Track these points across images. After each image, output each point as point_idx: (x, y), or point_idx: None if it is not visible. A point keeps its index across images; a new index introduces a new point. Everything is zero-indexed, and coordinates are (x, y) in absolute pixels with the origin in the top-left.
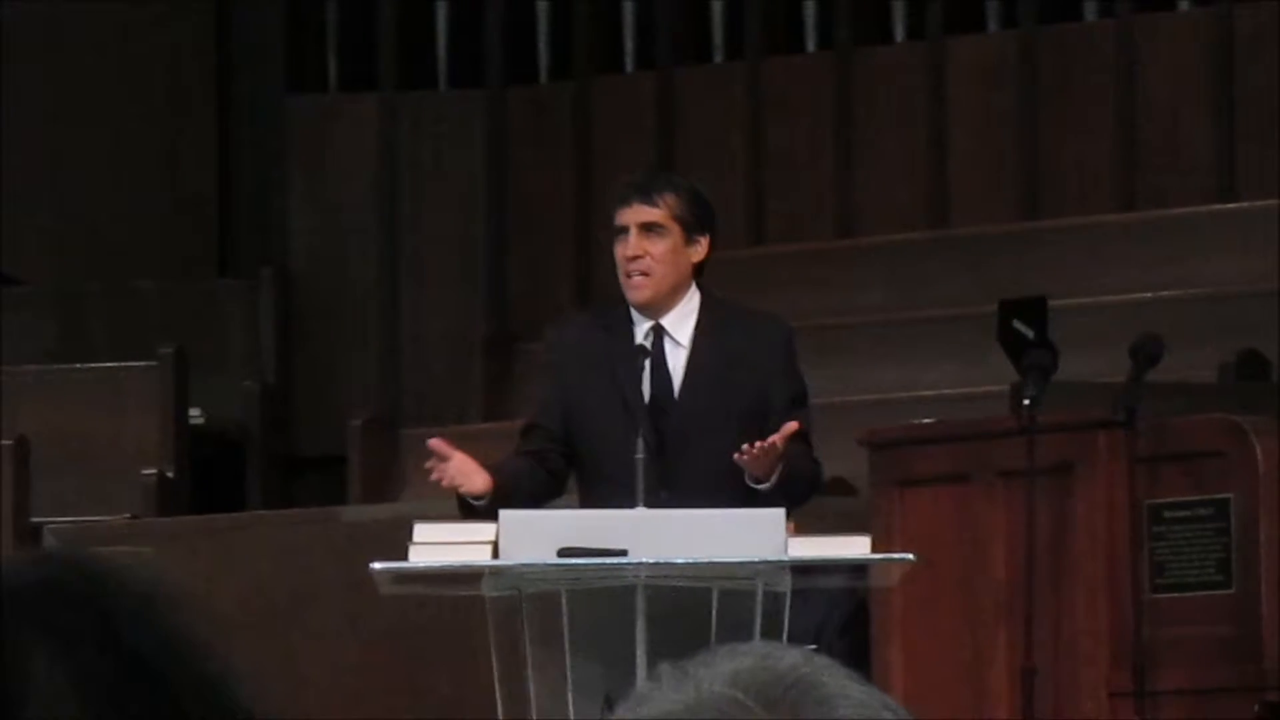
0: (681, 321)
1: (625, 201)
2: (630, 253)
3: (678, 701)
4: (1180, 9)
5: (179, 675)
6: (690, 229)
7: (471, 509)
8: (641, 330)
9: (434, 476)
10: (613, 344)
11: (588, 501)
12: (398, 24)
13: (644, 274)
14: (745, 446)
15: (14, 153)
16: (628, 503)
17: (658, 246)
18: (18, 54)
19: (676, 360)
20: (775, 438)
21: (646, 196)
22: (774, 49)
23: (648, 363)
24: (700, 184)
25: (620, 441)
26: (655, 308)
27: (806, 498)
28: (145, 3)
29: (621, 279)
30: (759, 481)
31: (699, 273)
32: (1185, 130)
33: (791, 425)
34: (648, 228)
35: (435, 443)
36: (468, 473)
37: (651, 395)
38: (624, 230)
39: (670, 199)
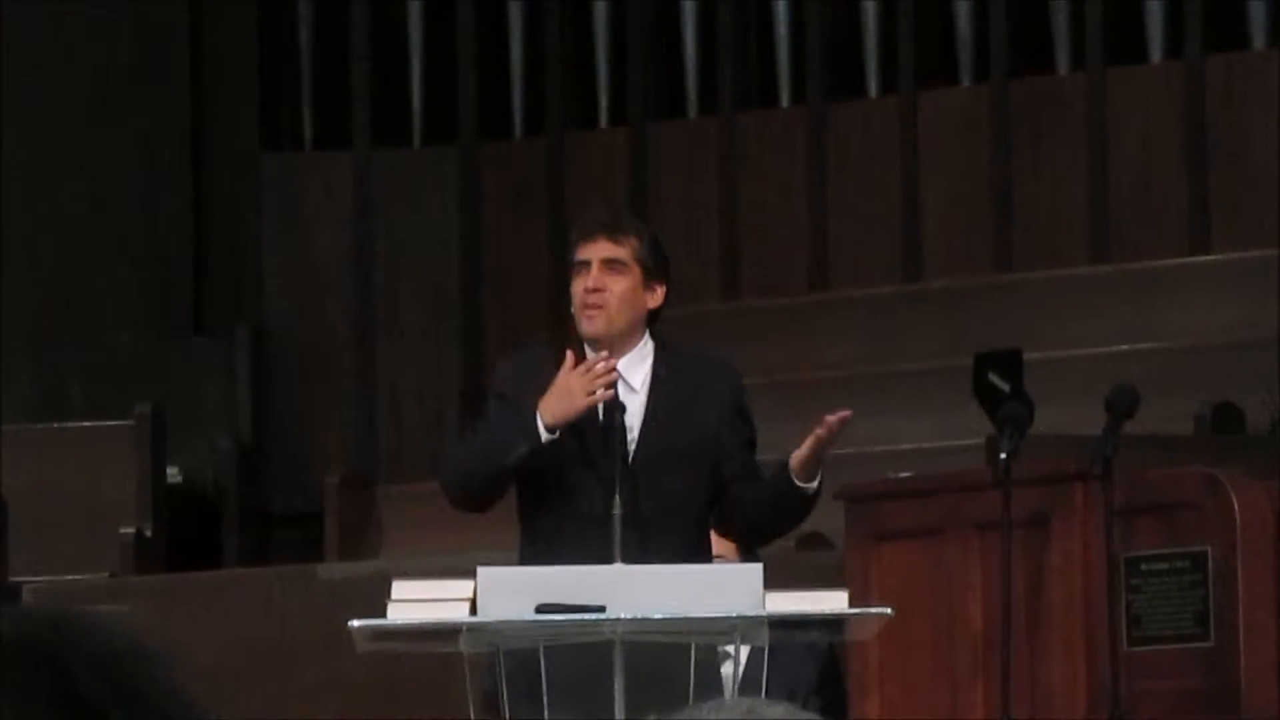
0: (635, 366)
1: (589, 236)
2: (590, 285)
3: None
4: (1152, 61)
5: None
6: (650, 274)
7: (537, 447)
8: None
9: (599, 384)
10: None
11: (539, 536)
12: (372, 82)
13: (599, 306)
14: (827, 418)
15: None
16: (588, 542)
17: (618, 284)
18: None
19: (632, 404)
20: (834, 418)
21: (612, 233)
22: (747, 103)
23: (604, 404)
24: (660, 232)
25: (574, 477)
26: (608, 346)
27: (798, 525)
28: (120, 59)
29: (577, 311)
30: (806, 481)
31: (653, 321)
32: (1158, 182)
33: (846, 413)
34: (610, 264)
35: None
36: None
37: (604, 424)
38: (585, 264)
39: (634, 241)
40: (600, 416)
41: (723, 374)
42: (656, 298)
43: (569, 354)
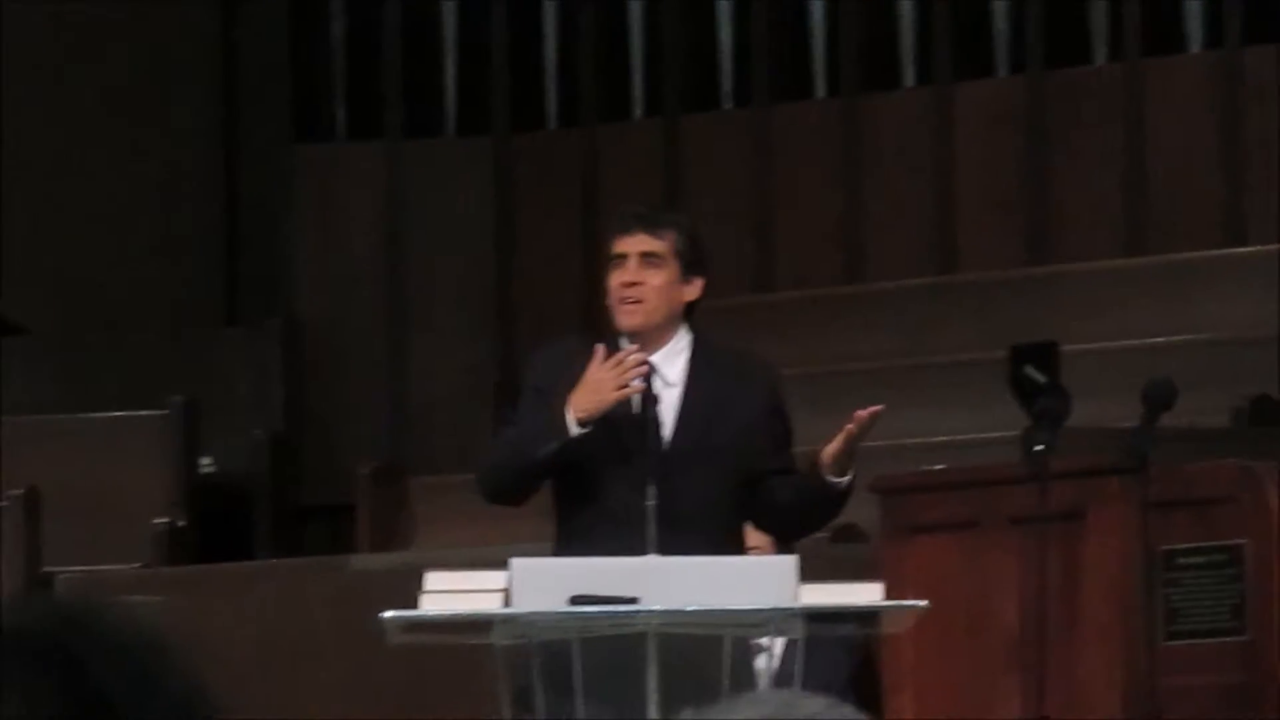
0: (672, 360)
1: (627, 230)
2: (628, 279)
3: None
4: (1190, 52)
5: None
6: (688, 267)
7: (567, 441)
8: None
9: (627, 378)
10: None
11: (573, 531)
12: (405, 72)
13: (638, 300)
14: (857, 413)
15: (20, 202)
16: (623, 536)
17: (655, 278)
18: (23, 102)
19: (667, 398)
20: (866, 413)
21: (650, 227)
22: (782, 95)
23: (638, 397)
24: (697, 226)
25: (609, 471)
26: (644, 340)
27: (830, 520)
28: (152, 52)
29: (614, 305)
30: (837, 476)
31: (689, 314)
32: (1195, 173)
33: (877, 407)
34: (647, 257)
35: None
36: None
37: (640, 432)
38: (622, 257)
39: (673, 234)
40: (634, 410)
41: (760, 370)
42: (694, 290)
43: (598, 348)
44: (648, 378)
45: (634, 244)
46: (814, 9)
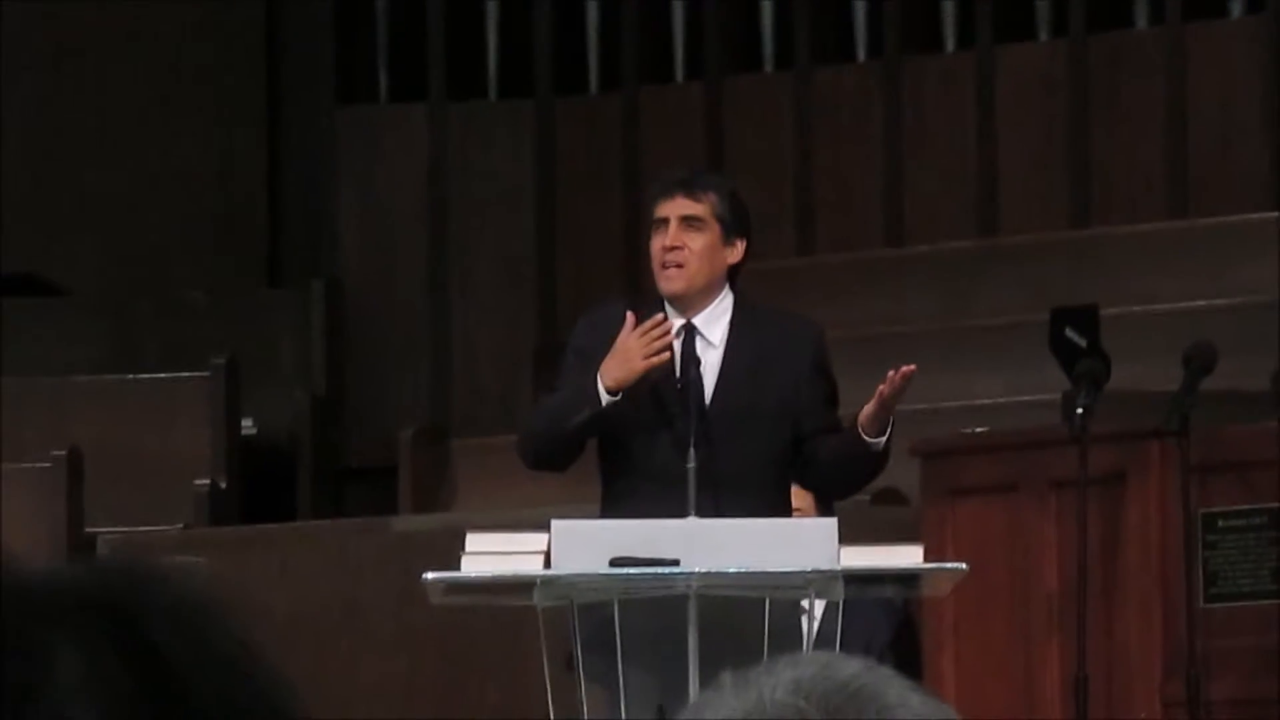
0: (714, 321)
1: (668, 194)
2: (669, 243)
3: (740, 708)
4: (1231, 16)
5: (209, 685)
6: (729, 230)
7: (598, 410)
8: (674, 327)
9: (655, 346)
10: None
11: (618, 495)
12: (447, 35)
13: (679, 265)
14: (890, 374)
15: (64, 165)
16: (666, 499)
17: (696, 241)
18: (68, 68)
19: (709, 359)
20: (898, 374)
21: (690, 190)
22: (824, 58)
23: (678, 359)
24: (739, 188)
25: (651, 434)
26: (687, 303)
27: (871, 480)
28: (195, 16)
29: (655, 270)
30: (874, 437)
31: (733, 277)
32: (1237, 137)
33: (910, 368)
34: (688, 221)
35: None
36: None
37: (682, 380)
38: (663, 222)
39: (714, 197)
40: (676, 374)
41: (804, 331)
42: (736, 253)
43: (629, 315)
44: (690, 340)
45: (674, 208)
46: None
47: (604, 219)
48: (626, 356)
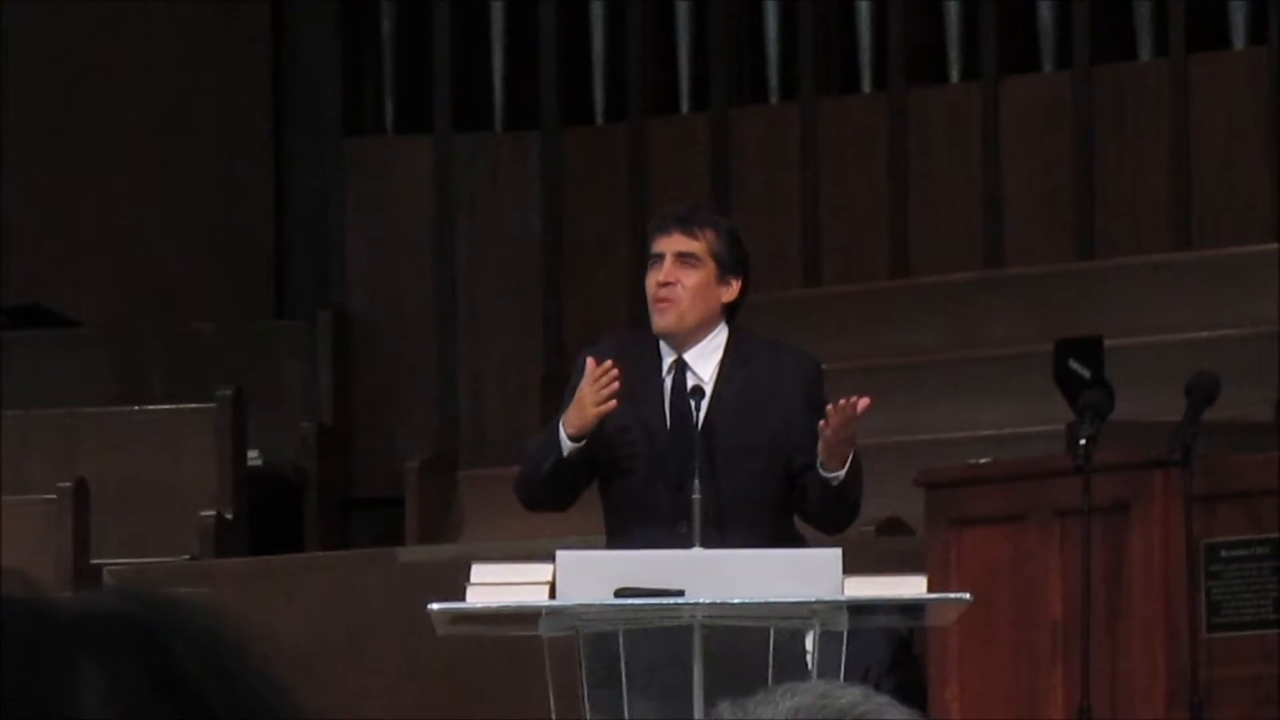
0: (705, 358)
1: (664, 230)
2: (663, 279)
3: None
4: (1234, 47)
5: (230, 709)
6: (725, 268)
7: (561, 457)
8: (666, 363)
9: (603, 395)
10: (638, 373)
11: (617, 529)
12: (453, 66)
13: (670, 301)
14: (831, 408)
15: (71, 196)
16: (660, 536)
17: (690, 278)
18: (75, 97)
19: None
20: (849, 403)
21: (687, 227)
22: (829, 90)
23: (668, 395)
24: (739, 227)
25: (643, 471)
26: (679, 340)
27: (850, 518)
28: (202, 45)
29: (650, 305)
30: (832, 470)
31: (730, 314)
32: (1240, 168)
33: (865, 401)
34: (683, 257)
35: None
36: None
37: (671, 419)
38: (659, 257)
39: (710, 234)
40: (665, 411)
41: (796, 365)
42: (731, 292)
43: (589, 361)
44: (680, 376)
45: (670, 244)
46: (861, 4)
47: (610, 250)
48: (581, 405)
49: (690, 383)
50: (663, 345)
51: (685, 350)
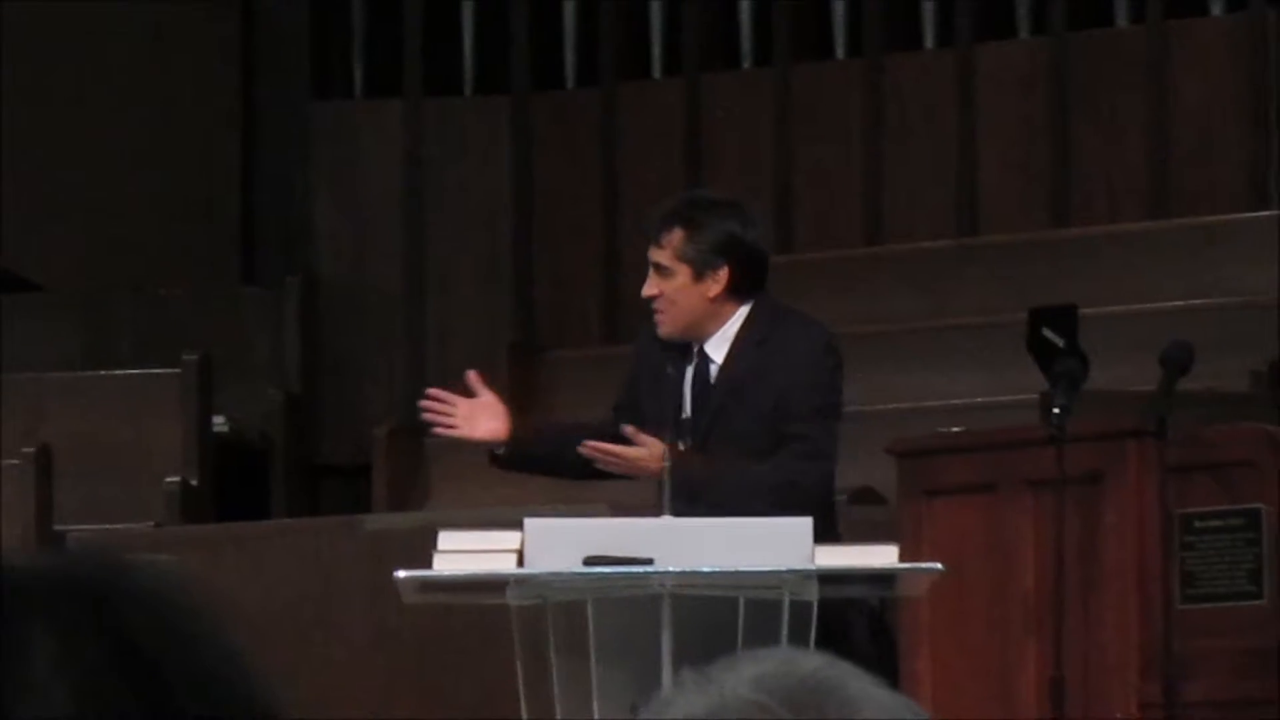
0: (721, 343)
1: (647, 238)
2: (644, 292)
3: (701, 705)
4: (1212, 14)
5: (182, 671)
6: (699, 265)
7: (495, 457)
8: (694, 350)
9: (430, 420)
10: (669, 355)
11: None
12: (423, 30)
13: (661, 312)
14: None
15: (38, 161)
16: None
17: (668, 286)
18: (45, 62)
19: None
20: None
21: (655, 237)
22: (802, 55)
23: (689, 376)
24: (735, 213)
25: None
26: (689, 337)
27: (773, 506)
28: (171, 9)
29: None
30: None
31: (745, 293)
32: (1217, 136)
33: (645, 445)
34: (658, 268)
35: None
36: (470, 421)
37: (692, 409)
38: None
39: (676, 239)
40: (688, 404)
41: (802, 340)
42: (717, 283)
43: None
44: (704, 365)
45: (649, 254)
46: None
47: (581, 216)
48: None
49: (711, 371)
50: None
51: (704, 341)
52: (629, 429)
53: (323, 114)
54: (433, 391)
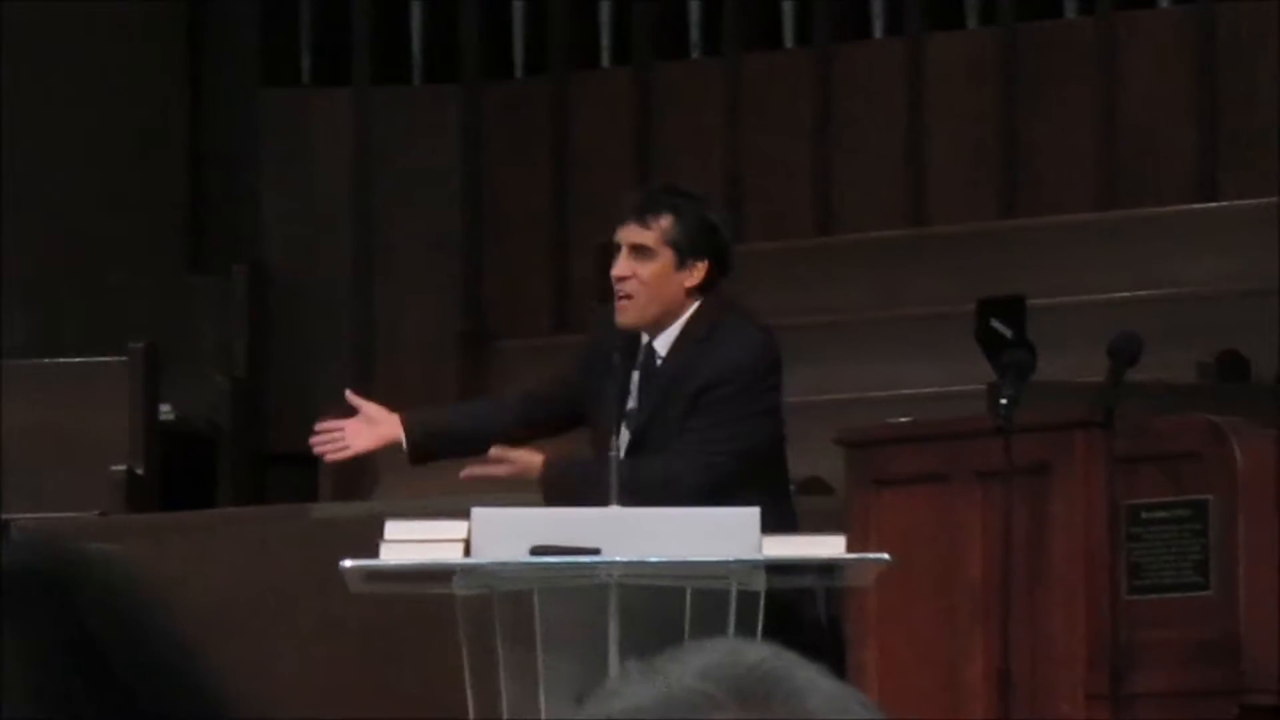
0: (668, 339)
1: (622, 219)
2: (617, 272)
3: (648, 696)
4: (1160, 6)
5: (132, 663)
6: (684, 253)
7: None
8: (643, 342)
9: (322, 451)
10: (619, 344)
11: None
12: (372, 18)
13: (628, 296)
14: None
15: None
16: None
17: (645, 269)
18: None
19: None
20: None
21: (640, 217)
22: (752, 45)
23: (636, 379)
24: (709, 208)
25: (602, 439)
26: (647, 329)
27: (648, 498)
28: None
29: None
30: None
31: (705, 291)
32: (1165, 128)
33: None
34: (638, 249)
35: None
36: (358, 435)
37: (637, 401)
38: (618, 248)
39: (665, 221)
40: (633, 398)
41: (731, 348)
42: (696, 275)
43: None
44: (650, 359)
45: (626, 235)
46: None
47: (531, 205)
48: None
49: (656, 364)
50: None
51: (655, 336)
52: (496, 452)
53: (271, 102)
54: (319, 425)
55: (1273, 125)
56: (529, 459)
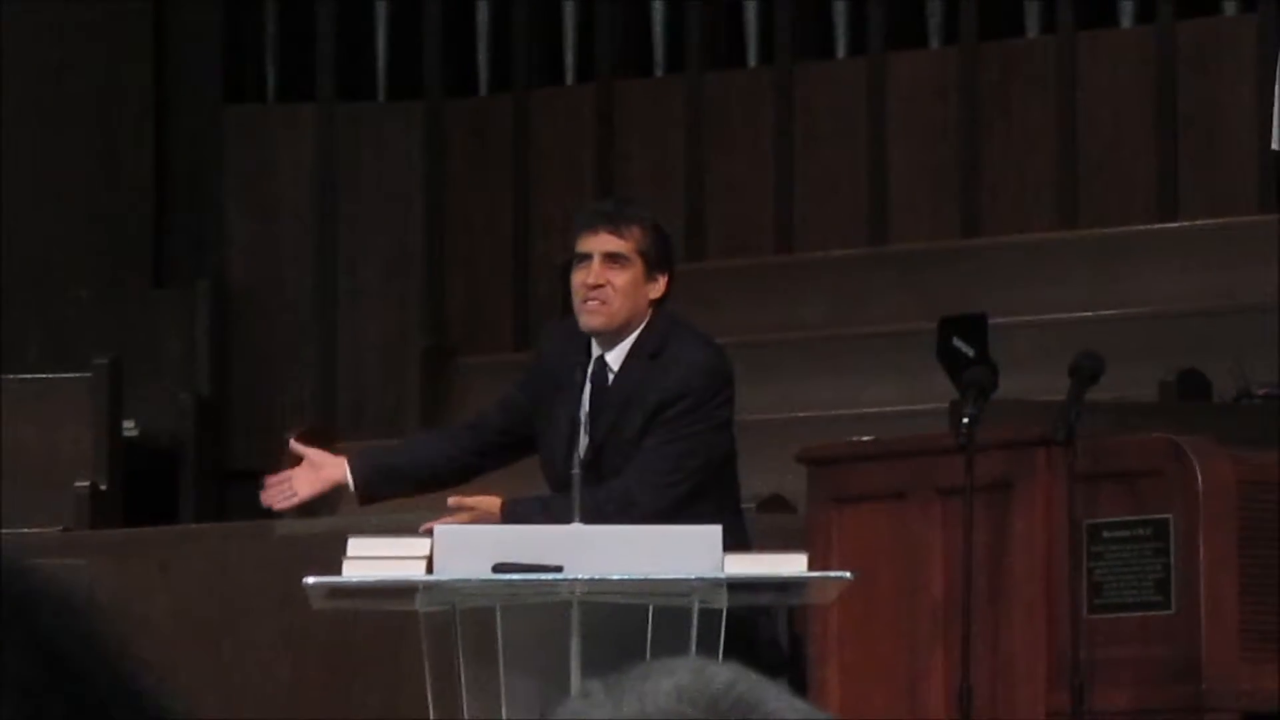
0: (620, 353)
1: (591, 228)
2: (592, 280)
3: (621, 717)
4: (1122, 25)
5: (102, 680)
6: (652, 265)
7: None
8: (594, 354)
9: (269, 502)
10: (571, 362)
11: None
12: (336, 35)
13: (602, 302)
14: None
15: None
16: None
17: (620, 277)
18: None
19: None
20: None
21: (614, 226)
22: (715, 63)
23: (588, 386)
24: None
25: (557, 457)
26: (606, 338)
27: (615, 516)
28: (83, 10)
29: (576, 305)
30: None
31: (659, 304)
32: (1127, 147)
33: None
34: (612, 257)
35: (293, 444)
36: (303, 481)
37: (590, 416)
38: (587, 256)
39: (637, 231)
40: (584, 413)
41: (680, 365)
42: (658, 288)
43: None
44: (601, 372)
45: (598, 243)
46: None
47: (494, 222)
48: None
49: (608, 378)
50: (594, 345)
51: (609, 349)
52: (453, 501)
53: (235, 118)
54: (267, 479)
55: (1233, 144)
56: (488, 503)
